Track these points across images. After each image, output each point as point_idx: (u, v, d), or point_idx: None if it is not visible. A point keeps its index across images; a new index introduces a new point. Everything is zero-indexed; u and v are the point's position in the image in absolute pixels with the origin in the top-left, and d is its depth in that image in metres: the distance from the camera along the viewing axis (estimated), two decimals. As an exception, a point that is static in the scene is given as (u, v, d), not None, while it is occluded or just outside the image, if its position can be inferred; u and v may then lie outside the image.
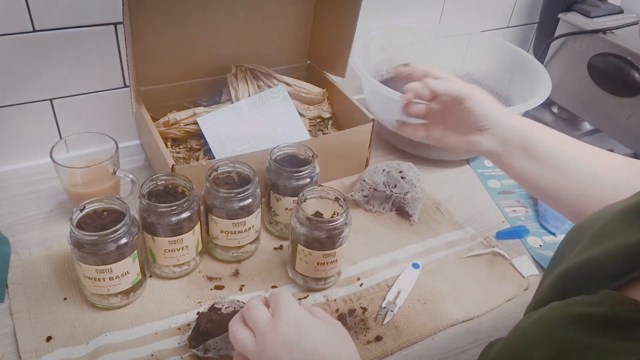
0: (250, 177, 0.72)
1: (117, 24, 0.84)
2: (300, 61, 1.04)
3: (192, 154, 0.88)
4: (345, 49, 0.93)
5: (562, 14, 1.16)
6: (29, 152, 0.89)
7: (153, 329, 0.65)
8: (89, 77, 0.87)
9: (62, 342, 0.62)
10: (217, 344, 0.60)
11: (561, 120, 1.27)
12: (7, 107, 0.83)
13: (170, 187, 0.71)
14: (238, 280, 0.73)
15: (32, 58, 0.81)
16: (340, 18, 0.92)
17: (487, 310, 0.72)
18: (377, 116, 0.91)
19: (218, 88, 0.95)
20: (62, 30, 0.80)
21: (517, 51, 1.10)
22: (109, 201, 0.65)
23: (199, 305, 0.68)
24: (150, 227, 0.67)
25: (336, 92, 0.98)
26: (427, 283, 0.75)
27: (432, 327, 0.68)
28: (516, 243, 0.84)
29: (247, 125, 0.87)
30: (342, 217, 0.67)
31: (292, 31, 0.98)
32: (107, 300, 0.66)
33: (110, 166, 0.75)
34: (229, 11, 0.88)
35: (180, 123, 0.87)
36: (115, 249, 0.61)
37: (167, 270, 0.71)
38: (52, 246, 0.74)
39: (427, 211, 0.87)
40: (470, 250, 0.81)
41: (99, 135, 0.77)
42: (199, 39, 0.89)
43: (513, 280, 0.76)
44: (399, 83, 1.16)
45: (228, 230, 0.71)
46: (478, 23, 1.25)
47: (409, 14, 1.15)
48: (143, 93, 0.89)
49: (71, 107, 0.88)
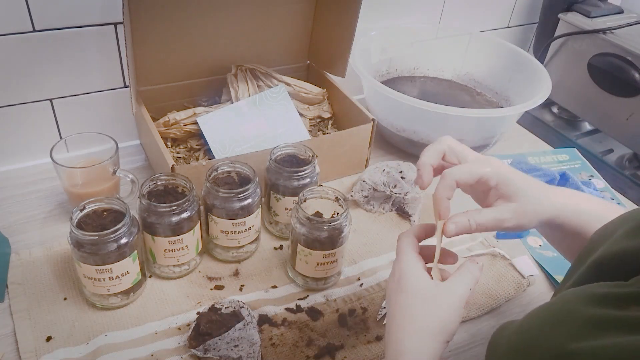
0: (250, 177, 0.72)
1: (117, 24, 0.84)
2: (300, 61, 1.04)
3: (192, 154, 0.88)
4: (345, 49, 0.93)
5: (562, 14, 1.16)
6: (29, 152, 0.89)
7: (153, 329, 0.65)
8: (89, 77, 0.87)
9: (62, 342, 0.62)
10: (217, 344, 0.60)
11: (561, 120, 1.27)
12: (7, 107, 0.83)
13: (170, 187, 0.71)
14: (238, 280, 0.73)
15: (32, 58, 0.81)
16: (340, 18, 0.92)
17: (487, 310, 0.72)
18: (377, 116, 0.92)
19: (218, 88, 0.95)
20: (62, 30, 0.80)
21: (517, 51, 1.10)
22: (109, 201, 0.65)
23: (199, 305, 0.68)
24: (150, 227, 0.67)
25: (336, 92, 0.98)
26: (427, 283, 0.74)
27: (432, 327, 0.68)
28: (516, 243, 0.84)
29: (247, 125, 0.87)
30: (342, 217, 0.67)
31: (292, 31, 0.98)
32: (107, 300, 0.66)
33: (110, 166, 0.75)
34: (229, 11, 0.88)
35: (180, 123, 0.87)
36: (115, 249, 0.61)
37: (167, 270, 0.71)
38: (52, 246, 0.74)
39: (427, 211, 0.87)
40: (470, 250, 0.81)
41: (99, 135, 0.77)
42: (199, 39, 0.89)
43: (513, 280, 0.76)
44: (399, 83, 1.16)
45: (228, 230, 0.71)
46: (478, 23, 1.25)
47: (409, 14, 1.15)
48: (143, 93, 0.89)
49: (71, 107, 0.88)
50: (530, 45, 1.36)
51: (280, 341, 0.65)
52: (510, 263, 0.79)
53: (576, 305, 0.38)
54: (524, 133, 1.13)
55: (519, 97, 1.05)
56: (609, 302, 0.35)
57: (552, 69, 1.19)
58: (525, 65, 1.07)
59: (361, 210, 0.87)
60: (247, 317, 0.63)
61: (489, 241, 0.82)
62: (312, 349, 0.64)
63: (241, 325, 0.61)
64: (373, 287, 0.73)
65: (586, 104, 1.15)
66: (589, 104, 1.14)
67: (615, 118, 1.09)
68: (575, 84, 1.15)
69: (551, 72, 1.04)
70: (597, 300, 0.36)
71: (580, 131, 1.25)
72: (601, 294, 0.37)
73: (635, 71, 1.02)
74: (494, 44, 1.14)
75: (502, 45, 1.13)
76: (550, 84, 0.97)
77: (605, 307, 0.35)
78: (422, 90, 1.16)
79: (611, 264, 0.40)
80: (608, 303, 0.35)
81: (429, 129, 0.94)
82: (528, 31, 1.35)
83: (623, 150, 1.16)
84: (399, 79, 1.17)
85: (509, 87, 1.11)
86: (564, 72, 1.17)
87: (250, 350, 0.60)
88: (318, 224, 0.66)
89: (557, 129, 1.22)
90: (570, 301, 0.39)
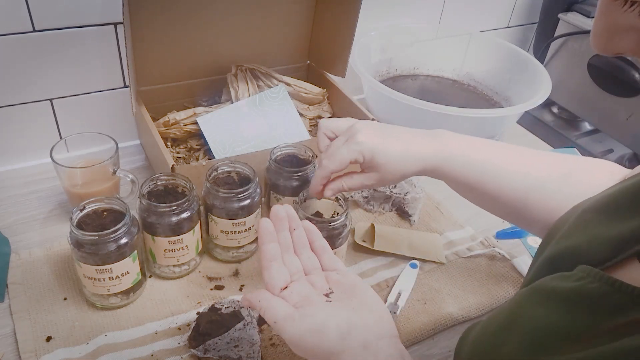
0: (250, 177, 0.72)
1: (117, 24, 0.84)
2: (300, 61, 1.04)
3: (192, 154, 0.88)
4: (345, 49, 0.93)
5: (562, 14, 1.16)
6: (29, 152, 0.89)
7: (153, 329, 0.65)
8: (89, 77, 0.87)
9: (62, 342, 0.62)
10: (217, 344, 0.60)
11: (561, 120, 1.27)
12: (7, 107, 0.83)
13: (170, 187, 0.71)
14: (238, 280, 0.73)
15: (32, 58, 0.81)
16: (340, 18, 0.92)
17: (487, 310, 0.72)
18: (377, 116, 0.92)
19: (218, 88, 0.95)
20: (62, 30, 0.80)
21: (517, 51, 1.10)
22: (109, 201, 0.65)
23: (199, 305, 0.68)
24: (150, 227, 0.67)
25: (336, 92, 0.98)
26: (427, 283, 0.75)
27: (432, 327, 0.68)
28: (516, 243, 0.84)
29: (247, 125, 0.87)
30: (342, 217, 0.67)
31: (292, 31, 0.98)
32: (107, 300, 0.66)
33: (110, 166, 0.75)
34: (229, 11, 0.88)
35: (180, 123, 0.87)
36: (115, 249, 0.61)
37: (167, 270, 0.71)
38: (52, 246, 0.74)
39: (427, 211, 0.87)
40: (470, 250, 0.81)
41: (99, 135, 0.77)
42: (199, 39, 0.89)
43: (513, 280, 0.76)
44: (399, 83, 1.16)
45: (228, 230, 0.71)
46: (478, 23, 1.25)
47: (409, 14, 1.15)
48: (143, 93, 0.89)
49: (71, 107, 0.88)
50: (530, 45, 1.37)
51: (280, 341, 0.64)
52: (510, 263, 0.79)
53: (525, 308, 0.40)
54: (524, 133, 1.13)
55: (519, 97, 1.05)
56: (555, 301, 0.38)
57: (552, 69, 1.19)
58: (525, 65, 1.07)
59: (361, 210, 0.87)
60: (247, 317, 0.63)
61: (489, 241, 0.82)
62: (312, 349, 0.64)
63: (241, 326, 0.61)
64: (373, 287, 0.73)
65: (586, 104, 1.15)
66: (589, 104, 1.14)
67: (615, 118, 1.09)
68: (575, 84, 1.15)
69: (551, 72, 1.04)
70: (543, 301, 0.39)
71: (580, 131, 1.25)
72: (549, 289, 0.39)
73: (635, 71, 1.02)
74: (494, 44, 1.14)
75: (502, 45, 1.13)
76: (550, 84, 0.97)
77: (551, 307, 0.38)
78: (422, 90, 1.16)
79: (557, 261, 0.42)
80: (555, 301, 0.38)
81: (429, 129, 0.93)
82: (528, 31, 1.35)
83: (623, 150, 1.16)
84: (399, 79, 1.17)
85: (509, 87, 1.11)
86: (564, 72, 1.17)
87: (250, 350, 0.60)
88: (318, 224, 0.66)
89: (557, 129, 1.22)
90: (520, 304, 0.41)
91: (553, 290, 0.39)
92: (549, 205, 0.57)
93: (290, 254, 0.55)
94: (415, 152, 0.60)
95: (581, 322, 0.35)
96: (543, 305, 0.39)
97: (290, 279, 0.52)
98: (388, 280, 0.74)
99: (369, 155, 0.60)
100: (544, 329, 0.37)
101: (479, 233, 0.84)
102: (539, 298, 0.40)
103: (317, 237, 0.57)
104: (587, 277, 0.37)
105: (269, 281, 0.51)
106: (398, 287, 0.73)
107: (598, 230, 0.41)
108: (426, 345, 0.67)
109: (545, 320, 0.38)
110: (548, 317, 0.38)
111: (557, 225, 0.48)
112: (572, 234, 0.43)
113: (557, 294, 0.38)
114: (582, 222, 0.44)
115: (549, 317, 0.37)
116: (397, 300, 0.71)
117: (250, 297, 0.50)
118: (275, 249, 0.53)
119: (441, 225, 0.85)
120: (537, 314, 0.39)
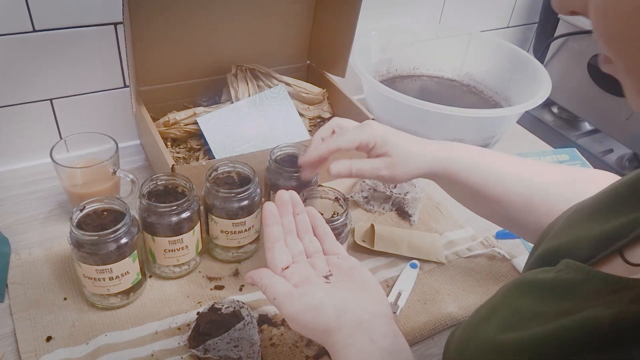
0: (250, 177, 0.72)
1: (117, 24, 0.84)
2: (300, 61, 1.04)
3: (192, 154, 0.88)
4: (345, 49, 0.93)
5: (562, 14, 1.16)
6: (29, 152, 0.89)
7: (153, 329, 0.65)
8: (89, 77, 0.87)
9: (62, 342, 0.62)
10: (217, 344, 0.60)
11: (561, 120, 1.27)
12: (7, 107, 0.83)
13: (170, 187, 0.71)
14: (238, 280, 0.73)
15: (32, 58, 0.81)
16: (340, 18, 0.92)
17: (487, 310, 0.72)
18: (377, 116, 0.92)
19: (218, 88, 0.95)
20: (62, 30, 0.80)
21: (517, 51, 1.10)
22: (109, 201, 0.65)
23: (199, 305, 0.68)
24: (150, 227, 0.67)
25: (336, 92, 0.98)
26: (427, 283, 0.75)
27: (432, 327, 0.68)
28: (516, 243, 0.84)
29: (247, 125, 0.87)
30: (342, 217, 0.67)
31: (292, 31, 0.98)
32: (107, 300, 0.66)
33: (110, 166, 0.75)
34: (229, 11, 0.88)
35: (180, 123, 0.87)
36: (115, 249, 0.61)
37: (167, 270, 0.71)
38: (52, 246, 0.74)
39: (427, 211, 0.87)
40: (470, 250, 0.81)
41: (99, 135, 0.77)
42: (199, 39, 0.89)
43: (513, 280, 0.76)
44: (399, 83, 1.16)
45: (228, 230, 0.71)
46: (478, 23, 1.25)
47: (409, 14, 1.15)
48: (143, 93, 0.89)
49: (71, 107, 0.88)
50: (530, 45, 1.37)
51: (280, 341, 0.65)
52: (510, 263, 0.79)
53: (510, 297, 0.42)
54: (524, 133, 1.13)
55: (519, 97, 1.05)
56: (533, 292, 0.40)
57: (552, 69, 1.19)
58: (525, 65, 1.07)
59: (361, 210, 0.87)
60: (247, 317, 0.63)
61: (489, 241, 0.82)
62: (312, 349, 0.64)
63: (241, 326, 0.61)
64: (373, 287, 0.73)
65: (586, 104, 1.15)
66: (589, 104, 1.14)
67: (615, 118, 1.09)
68: (575, 84, 1.15)
69: (551, 72, 1.04)
70: (525, 292, 0.40)
71: (580, 131, 1.25)
72: (528, 283, 0.41)
73: (635, 71, 1.02)
74: (494, 44, 1.14)
75: (502, 45, 1.13)
76: (550, 84, 0.97)
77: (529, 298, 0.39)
78: (422, 90, 1.16)
79: (546, 259, 0.44)
80: (533, 292, 0.40)
81: (429, 129, 0.94)
82: (528, 31, 1.35)
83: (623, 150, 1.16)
84: (399, 79, 1.17)
85: (509, 87, 1.11)
86: (564, 72, 1.17)
87: (250, 350, 0.60)
88: (318, 224, 0.66)
89: (557, 129, 1.22)
90: (504, 295, 0.43)
91: (534, 281, 0.41)
92: (552, 210, 0.58)
93: (293, 237, 0.56)
94: (427, 152, 0.63)
95: (555, 306, 0.37)
96: (524, 295, 0.40)
97: (292, 260, 0.54)
98: (388, 280, 0.74)
99: (381, 140, 0.61)
100: (518, 313, 0.39)
101: (479, 233, 0.84)
102: (521, 290, 0.41)
103: (320, 223, 0.58)
104: (566, 269, 0.39)
105: (271, 261, 0.53)
106: (398, 287, 0.73)
107: (584, 229, 0.43)
108: (426, 345, 0.67)
109: (522, 305, 0.39)
110: (525, 303, 0.39)
111: (550, 226, 0.50)
112: (561, 234, 0.45)
113: (537, 285, 0.40)
114: (570, 222, 0.46)
115: (526, 303, 0.39)
116: (397, 300, 0.71)
117: (252, 274, 0.52)
118: (278, 231, 0.55)
119: (441, 225, 0.85)
120: (517, 303, 0.40)
